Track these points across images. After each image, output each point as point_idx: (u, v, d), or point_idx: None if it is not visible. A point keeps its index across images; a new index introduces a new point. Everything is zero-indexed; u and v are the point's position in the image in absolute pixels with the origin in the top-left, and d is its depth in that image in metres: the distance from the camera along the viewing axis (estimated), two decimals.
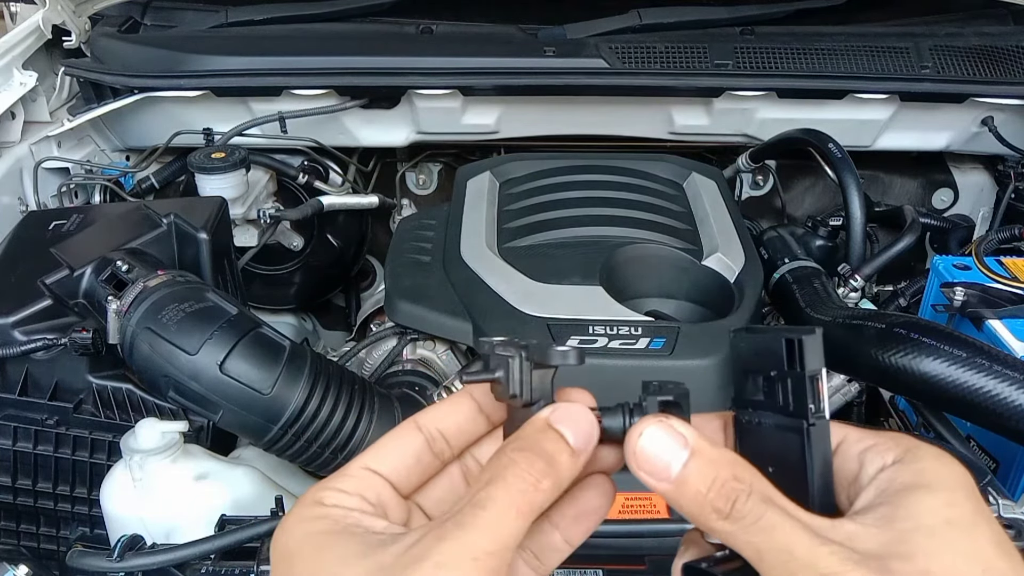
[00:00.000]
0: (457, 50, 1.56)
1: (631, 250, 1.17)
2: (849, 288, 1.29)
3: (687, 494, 0.37)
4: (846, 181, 1.32)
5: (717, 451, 0.38)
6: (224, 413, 0.97)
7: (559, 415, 0.41)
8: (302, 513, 0.40)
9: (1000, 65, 1.54)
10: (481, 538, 0.36)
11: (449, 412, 0.45)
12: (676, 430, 0.38)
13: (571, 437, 0.40)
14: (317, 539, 0.38)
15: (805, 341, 0.39)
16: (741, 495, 0.37)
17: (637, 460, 0.38)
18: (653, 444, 0.38)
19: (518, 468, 0.38)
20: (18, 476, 1.06)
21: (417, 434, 0.44)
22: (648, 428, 0.38)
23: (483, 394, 0.44)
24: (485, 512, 0.37)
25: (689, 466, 0.37)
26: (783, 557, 0.35)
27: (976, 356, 0.93)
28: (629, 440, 0.38)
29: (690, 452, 0.37)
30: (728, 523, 0.36)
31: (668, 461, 0.37)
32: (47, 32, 1.63)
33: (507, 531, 0.37)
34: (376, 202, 1.72)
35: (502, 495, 0.37)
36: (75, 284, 1.09)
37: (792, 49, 1.55)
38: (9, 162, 1.51)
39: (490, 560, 0.36)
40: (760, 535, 0.36)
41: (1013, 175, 1.67)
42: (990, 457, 1.13)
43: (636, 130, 1.67)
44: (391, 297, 1.18)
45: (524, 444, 0.40)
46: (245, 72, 1.54)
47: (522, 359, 0.42)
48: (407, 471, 0.43)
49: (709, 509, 0.37)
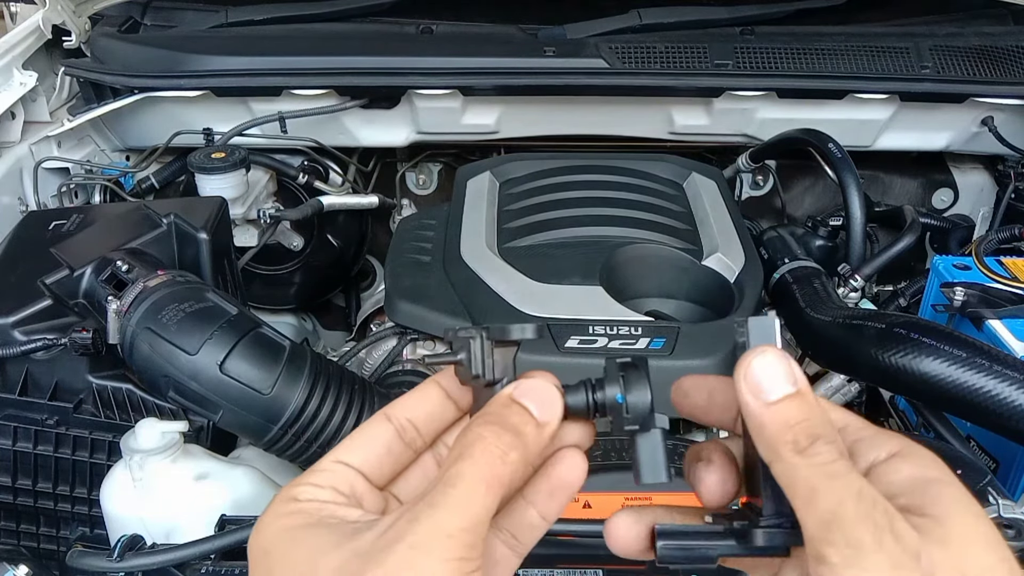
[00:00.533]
0: (457, 50, 1.57)
1: (631, 250, 1.17)
2: (849, 288, 1.29)
3: (777, 419, 0.37)
4: (846, 181, 1.32)
5: (817, 401, 0.39)
6: (224, 413, 0.97)
7: (522, 389, 0.41)
8: (276, 510, 0.40)
9: (1000, 65, 1.54)
10: (453, 515, 0.37)
11: (418, 401, 0.45)
12: (792, 368, 0.38)
13: (535, 409, 0.40)
14: (292, 533, 0.38)
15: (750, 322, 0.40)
16: (824, 438, 0.37)
17: (746, 374, 0.38)
18: (768, 366, 0.38)
19: (485, 442, 0.39)
20: (18, 476, 1.06)
21: (387, 425, 0.44)
22: (770, 353, 0.38)
23: (450, 381, 0.45)
24: (455, 490, 0.37)
25: (791, 399, 0.38)
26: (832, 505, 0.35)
27: (976, 356, 0.93)
28: (745, 357, 0.39)
29: (797, 390, 0.38)
30: (801, 456, 0.37)
31: (774, 386, 0.38)
32: (47, 32, 1.63)
33: (478, 506, 0.37)
34: (376, 202, 1.72)
35: (470, 470, 0.38)
36: (75, 284, 1.09)
37: (792, 49, 1.55)
38: (9, 162, 1.51)
39: (464, 536, 0.36)
40: (822, 478, 0.36)
41: (1013, 175, 1.66)
42: (990, 457, 1.13)
43: (636, 130, 1.67)
44: (391, 297, 1.18)
45: (489, 419, 0.40)
46: (245, 72, 1.54)
47: (482, 339, 0.43)
48: (379, 462, 0.43)
49: (789, 438, 0.37)
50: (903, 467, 0.39)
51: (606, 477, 0.91)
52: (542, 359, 0.98)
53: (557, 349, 0.98)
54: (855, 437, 0.41)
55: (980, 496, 0.85)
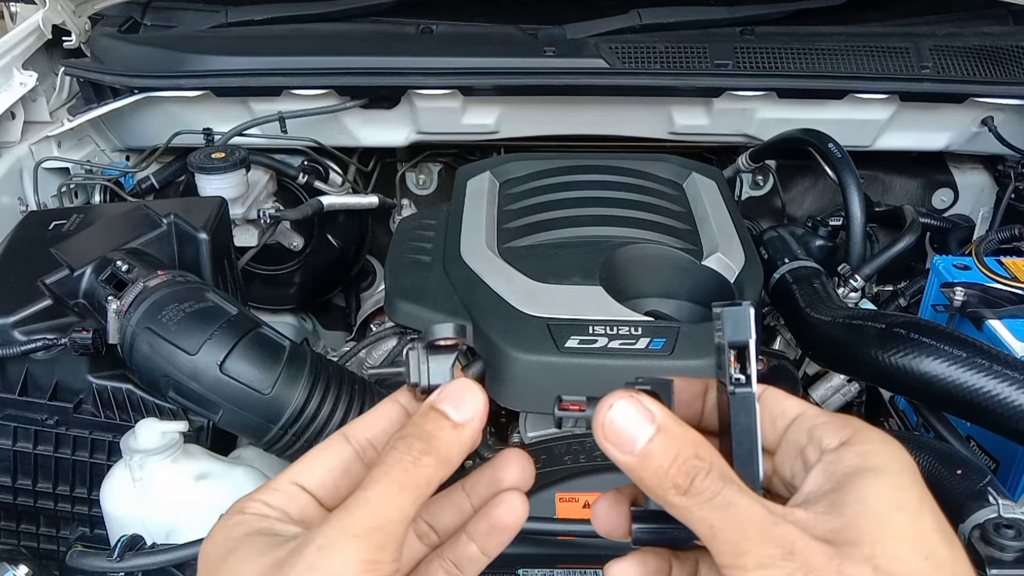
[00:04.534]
0: (457, 50, 1.56)
1: (631, 250, 1.17)
2: (849, 288, 1.29)
3: (649, 468, 0.38)
4: (846, 181, 1.32)
5: (682, 429, 0.39)
6: (224, 413, 0.97)
7: (443, 395, 0.42)
8: (224, 521, 0.41)
9: (1000, 65, 1.54)
10: (362, 516, 0.37)
11: (376, 420, 0.45)
12: (644, 406, 0.38)
13: (452, 412, 0.41)
14: (230, 543, 0.40)
15: (726, 311, 0.41)
16: (701, 472, 0.37)
17: (604, 431, 0.38)
18: (621, 417, 0.38)
19: (396, 452, 0.40)
20: (18, 476, 1.06)
21: (346, 446, 0.44)
22: (618, 402, 0.38)
23: (408, 399, 0.46)
24: (366, 492, 0.38)
25: (654, 441, 0.38)
26: (736, 535, 0.36)
27: (976, 356, 0.93)
28: (599, 412, 0.39)
29: (656, 428, 0.38)
30: (685, 498, 0.37)
31: (634, 435, 0.38)
32: (47, 32, 1.63)
33: (390, 506, 0.38)
34: (376, 202, 1.72)
35: (382, 475, 0.39)
36: (75, 284, 1.09)
37: (792, 49, 1.55)
38: (9, 162, 1.51)
39: (374, 535, 0.37)
40: (715, 512, 0.37)
41: (1013, 175, 1.66)
42: (990, 457, 1.13)
43: (636, 130, 1.67)
44: (391, 297, 1.18)
45: (406, 431, 0.41)
46: (245, 72, 1.54)
47: (418, 349, 0.44)
48: (334, 484, 0.43)
49: (669, 484, 0.37)
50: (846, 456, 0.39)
51: (606, 477, 0.91)
52: (542, 359, 0.98)
53: (557, 349, 0.98)
54: (811, 424, 0.42)
55: (980, 496, 0.85)
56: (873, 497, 0.37)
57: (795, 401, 0.43)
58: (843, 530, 0.36)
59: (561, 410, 0.43)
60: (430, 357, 0.44)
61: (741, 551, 0.36)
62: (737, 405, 0.41)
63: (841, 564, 0.35)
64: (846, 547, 0.36)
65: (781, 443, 0.43)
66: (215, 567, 0.39)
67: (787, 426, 0.42)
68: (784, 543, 0.36)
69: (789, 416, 0.43)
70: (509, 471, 0.45)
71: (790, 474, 0.42)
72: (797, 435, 0.42)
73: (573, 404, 0.43)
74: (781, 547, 0.35)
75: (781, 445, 0.42)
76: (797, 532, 0.36)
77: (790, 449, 0.42)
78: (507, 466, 0.46)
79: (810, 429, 0.41)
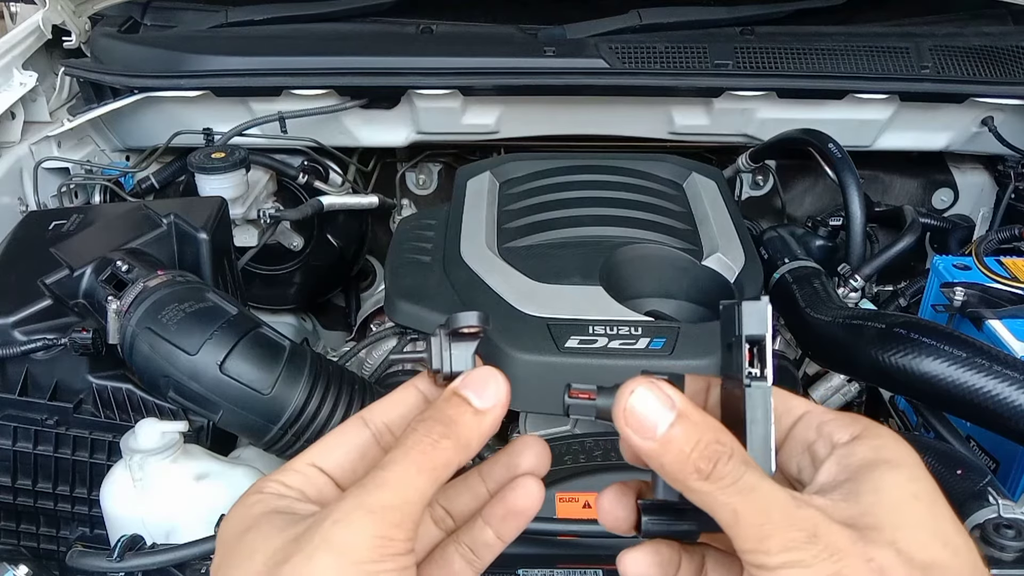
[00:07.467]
0: (457, 50, 1.56)
1: (631, 250, 1.17)
2: (849, 288, 1.29)
3: (671, 453, 0.38)
4: (846, 181, 1.32)
5: (702, 415, 0.39)
6: (224, 413, 0.97)
7: (466, 381, 0.42)
8: (243, 501, 0.41)
9: (1000, 65, 1.54)
10: (379, 493, 0.38)
11: (394, 405, 0.46)
12: (665, 392, 0.38)
13: (474, 398, 0.41)
14: (247, 520, 0.40)
15: (744, 306, 0.41)
16: (723, 456, 0.37)
17: (625, 417, 0.38)
18: (642, 403, 0.38)
19: (416, 434, 0.40)
20: (18, 476, 1.06)
21: (364, 429, 0.45)
22: (639, 388, 0.38)
23: (427, 384, 0.46)
24: (384, 472, 0.39)
25: (675, 427, 0.38)
26: (759, 519, 0.36)
27: (976, 356, 0.93)
28: (619, 399, 0.39)
29: (677, 414, 0.38)
30: (708, 483, 0.37)
31: (655, 421, 0.38)
32: (47, 32, 1.63)
33: (408, 486, 0.38)
34: (376, 202, 1.72)
35: (401, 456, 0.39)
36: (75, 284, 1.09)
37: (792, 49, 1.55)
38: (9, 162, 1.51)
39: (390, 513, 0.37)
40: (738, 496, 0.36)
41: (1013, 175, 1.66)
42: (990, 457, 1.13)
43: (636, 130, 1.67)
44: (391, 297, 1.18)
45: (427, 415, 0.41)
46: (245, 72, 1.54)
47: (440, 335, 0.44)
48: (352, 466, 0.44)
49: (691, 468, 0.37)
50: (859, 449, 0.40)
51: (607, 477, 0.91)
52: (542, 359, 0.98)
53: (557, 349, 0.98)
54: (819, 420, 0.42)
55: (980, 496, 0.85)
56: (890, 487, 0.37)
57: (800, 399, 0.44)
58: (862, 516, 0.37)
59: (571, 398, 0.43)
60: (452, 344, 0.44)
61: (765, 535, 0.36)
62: (752, 399, 0.40)
63: (865, 547, 0.35)
64: (868, 531, 0.36)
65: (787, 439, 0.43)
66: (232, 545, 0.39)
67: (793, 423, 0.43)
68: (808, 526, 0.36)
69: (795, 413, 0.43)
70: (525, 456, 0.46)
71: (796, 469, 0.42)
72: (804, 431, 0.42)
73: (583, 392, 0.43)
74: (805, 530, 0.35)
75: (787, 441, 0.43)
76: (820, 516, 0.36)
77: (796, 445, 0.42)
78: (523, 452, 0.46)
79: (819, 425, 0.42)
